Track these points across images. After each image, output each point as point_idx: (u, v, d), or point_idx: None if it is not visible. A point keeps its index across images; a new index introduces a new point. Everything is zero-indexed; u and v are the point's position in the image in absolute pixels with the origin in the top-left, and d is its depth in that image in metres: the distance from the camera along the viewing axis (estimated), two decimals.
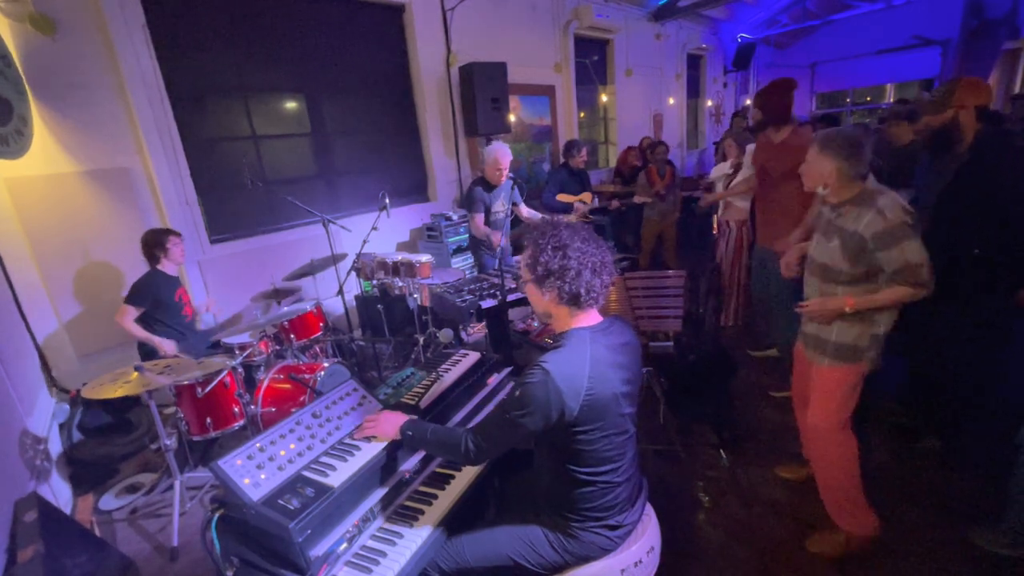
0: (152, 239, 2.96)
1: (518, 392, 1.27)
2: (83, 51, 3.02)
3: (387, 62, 4.74)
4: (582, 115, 7.08)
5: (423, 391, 1.81)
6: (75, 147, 3.05)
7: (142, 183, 3.34)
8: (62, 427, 2.86)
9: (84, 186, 3.09)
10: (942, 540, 2.02)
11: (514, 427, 1.28)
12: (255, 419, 2.67)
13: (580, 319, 1.37)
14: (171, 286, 3.02)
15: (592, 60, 7.03)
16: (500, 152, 3.49)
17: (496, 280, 2.99)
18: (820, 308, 1.86)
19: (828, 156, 1.78)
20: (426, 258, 3.23)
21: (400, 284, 3.25)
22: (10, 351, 2.46)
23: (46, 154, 2.94)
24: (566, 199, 4.57)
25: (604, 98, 7.40)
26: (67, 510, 2.52)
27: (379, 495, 1.47)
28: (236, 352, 2.92)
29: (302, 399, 2.68)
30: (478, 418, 1.91)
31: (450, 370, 1.97)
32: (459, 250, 4.62)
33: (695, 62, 9.24)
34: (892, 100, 9.45)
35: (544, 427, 1.27)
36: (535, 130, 6.28)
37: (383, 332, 3.74)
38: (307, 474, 1.38)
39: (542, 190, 5.19)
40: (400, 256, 3.28)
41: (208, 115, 3.72)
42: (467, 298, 2.84)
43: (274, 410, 2.68)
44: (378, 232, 3.48)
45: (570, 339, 1.33)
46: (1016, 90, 7.95)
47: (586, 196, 4.69)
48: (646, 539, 1.44)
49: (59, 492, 2.50)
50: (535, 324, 2.90)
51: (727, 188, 4.01)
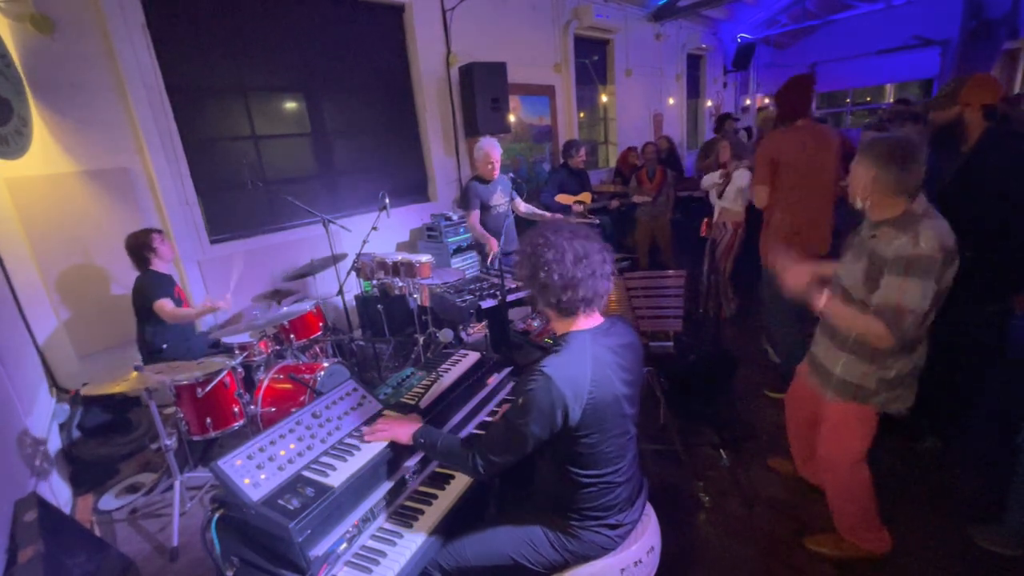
0: (137, 242, 2.88)
1: (520, 400, 1.26)
2: (83, 51, 3.02)
3: (387, 62, 4.74)
4: (582, 115, 7.08)
5: (423, 391, 1.81)
6: (75, 147, 3.05)
7: (142, 183, 3.34)
8: (62, 427, 2.85)
9: (84, 186, 3.08)
10: (942, 540, 2.02)
11: (520, 436, 1.26)
12: (255, 419, 2.67)
13: (579, 321, 1.36)
14: (170, 283, 3.01)
15: (592, 60, 7.03)
16: (489, 147, 3.50)
17: (496, 280, 2.99)
18: (798, 273, 1.68)
19: (866, 162, 1.56)
20: (426, 258, 3.23)
21: (400, 284, 3.25)
22: (10, 351, 2.46)
23: (46, 154, 2.94)
24: (565, 199, 4.57)
25: (604, 98, 7.39)
26: (67, 510, 2.52)
27: (379, 495, 1.47)
28: (236, 352, 2.92)
29: (302, 399, 2.68)
30: (478, 418, 1.91)
31: (450, 370, 1.97)
32: (459, 250, 4.62)
33: (695, 62, 9.24)
34: (892, 100, 9.44)
35: (550, 432, 1.26)
36: (535, 130, 6.28)
37: (383, 332, 3.74)
38: (307, 474, 1.38)
39: (542, 190, 5.19)
40: (400, 256, 3.28)
41: (208, 115, 3.72)
42: (467, 298, 2.84)
43: (274, 410, 2.68)
44: (378, 232, 3.48)
45: (570, 342, 1.32)
46: (1016, 90, 7.94)
47: (585, 196, 4.69)
48: (646, 539, 1.44)
49: (59, 492, 2.50)
50: (535, 324, 2.90)
51: (720, 196, 4.01)
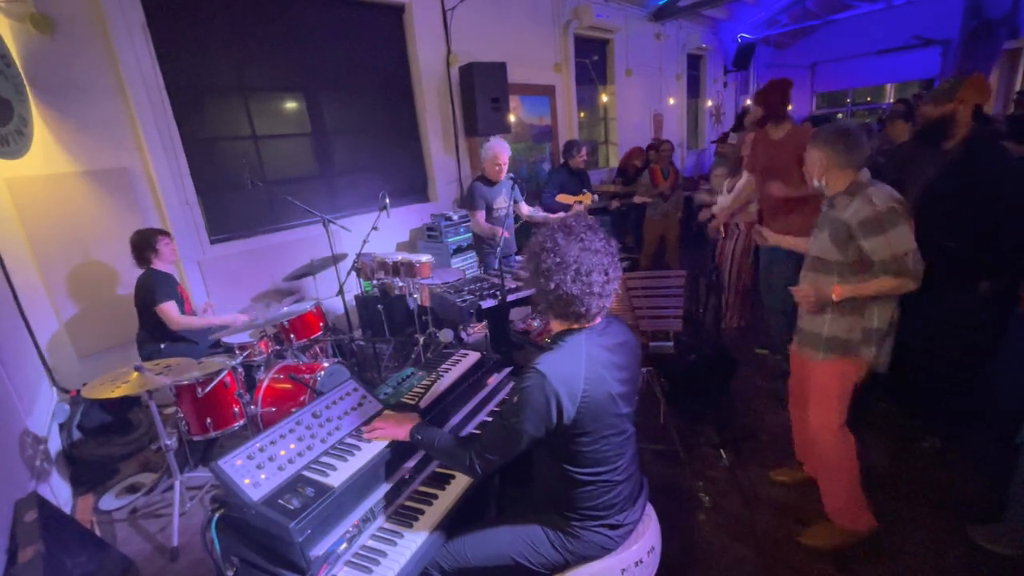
0: (141, 240, 2.90)
1: (515, 397, 1.27)
2: (83, 51, 3.02)
3: (387, 62, 4.74)
4: (582, 115, 7.08)
5: (423, 391, 1.81)
6: (75, 147, 3.05)
7: (142, 183, 3.34)
8: (62, 427, 2.85)
9: (84, 186, 3.08)
10: (942, 540, 2.02)
11: (514, 433, 1.28)
12: (255, 419, 2.67)
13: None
14: (172, 284, 3.01)
15: (592, 60, 7.03)
16: (498, 148, 3.50)
17: (496, 280, 2.99)
18: (811, 293, 1.90)
19: (817, 146, 1.85)
20: (426, 258, 3.23)
21: (400, 284, 3.25)
22: (10, 351, 2.46)
23: (46, 154, 2.94)
24: (565, 199, 4.56)
25: (604, 98, 7.39)
26: (67, 510, 2.52)
27: (379, 495, 1.47)
28: (236, 352, 2.92)
29: (302, 399, 2.68)
30: (478, 418, 1.91)
31: (450, 370, 1.97)
32: (459, 250, 4.62)
33: (695, 62, 9.24)
34: (892, 100, 9.45)
35: (545, 430, 1.27)
36: (535, 130, 6.28)
37: (383, 332, 3.74)
38: (307, 474, 1.38)
39: (542, 190, 5.19)
40: (400, 256, 3.28)
41: (208, 115, 3.72)
42: (467, 298, 2.84)
43: (274, 410, 2.68)
44: (378, 232, 3.48)
45: (566, 341, 1.33)
46: (1016, 89, 7.94)
47: (585, 196, 4.69)
48: (647, 539, 1.44)
49: (59, 492, 2.50)
50: (535, 324, 2.90)
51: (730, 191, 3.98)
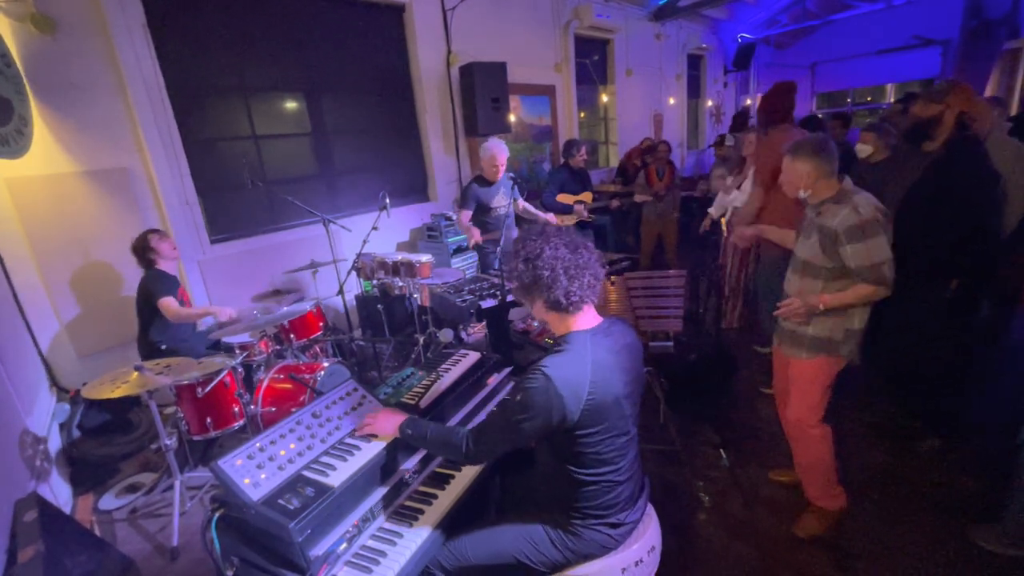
0: (139, 244, 2.93)
1: (519, 396, 1.27)
2: (83, 51, 3.02)
3: (387, 62, 4.74)
4: (582, 115, 7.08)
5: (423, 391, 1.81)
6: (75, 147, 3.05)
7: (142, 183, 3.34)
8: (62, 427, 2.86)
9: (84, 186, 3.08)
10: (942, 540, 2.02)
11: (514, 430, 1.29)
12: (255, 419, 2.67)
13: (578, 321, 1.37)
14: (174, 284, 3.02)
15: (592, 60, 7.03)
16: (496, 149, 3.51)
17: (496, 280, 2.99)
18: (797, 308, 1.94)
19: (802, 159, 1.89)
20: (426, 258, 3.23)
21: (400, 284, 3.25)
22: (10, 351, 2.46)
23: (46, 154, 2.93)
24: (566, 199, 4.57)
25: (604, 98, 7.40)
26: (67, 510, 2.52)
27: (379, 495, 1.47)
28: (236, 352, 2.92)
29: (302, 399, 2.68)
30: (478, 418, 1.91)
31: (450, 370, 1.97)
32: (459, 250, 4.62)
33: (695, 62, 9.24)
34: (892, 100, 9.44)
35: (544, 431, 1.27)
36: (535, 130, 6.28)
37: (383, 332, 3.74)
38: (307, 474, 1.38)
39: (543, 190, 5.20)
40: (400, 256, 3.28)
41: (208, 115, 3.72)
42: (467, 298, 2.84)
43: (274, 410, 2.68)
44: (378, 232, 3.48)
45: (571, 343, 1.32)
46: (1017, 89, 7.93)
47: (586, 196, 4.69)
48: (647, 538, 1.45)
49: (59, 492, 2.50)
50: (535, 324, 2.90)
51: (738, 188, 3.96)
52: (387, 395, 1.83)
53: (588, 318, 1.38)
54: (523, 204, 3.80)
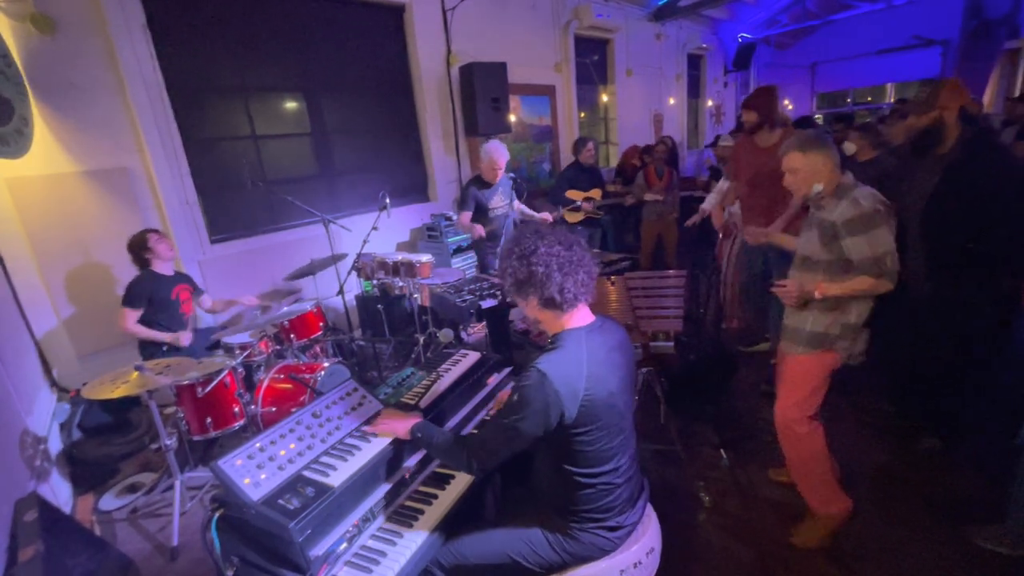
0: (135, 243, 2.94)
1: (515, 396, 1.27)
2: (84, 51, 3.02)
3: (387, 62, 4.74)
4: (582, 115, 7.07)
5: (423, 391, 1.81)
6: (75, 147, 3.05)
7: (142, 183, 3.34)
8: (62, 427, 2.86)
9: (84, 186, 3.08)
10: (942, 540, 2.02)
11: (513, 433, 1.28)
12: (255, 419, 2.67)
13: (571, 319, 1.37)
14: (166, 284, 3.01)
15: (592, 60, 7.03)
16: (495, 152, 3.52)
17: (496, 280, 2.99)
18: (793, 289, 1.94)
19: (814, 152, 1.88)
20: (426, 258, 3.24)
21: (400, 284, 3.25)
22: (10, 351, 2.46)
23: (46, 154, 2.93)
24: (575, 196, 4.58)
25: (604, 98, 7.39)
26: (67, 510, 2.51)
27: (379, 495, 1.47)
28: (236, 352, 2.92)
29: (302, 399, 2.68)
30: (478, 418, 1.91)
31: (450, 370, 1.97)
32: (459, 250, 4.62)
33: (695, 62, 9.23)
34: (892, 100, 9.44)
35: (544, 430, 1.27)
36: (535, 130, 6.27)
37: (383, 332, 3.74)
38: (307, 474, 1.38)
39: (548, 189, 5.20)
40: (400, 256, 3.28)
41: (208, 115, 3.72)
42: (467, 298, 2.84)
43: (274, 410, 2.68)
44: (378, 232, 3.48)
45: (565, 340, 1.33)
46: (1017, 89, 7.94)
47: (595, 192, 4.69)
48: (646, 540, 1.44)
49: (59, 492, 2.50)
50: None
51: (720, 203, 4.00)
52: (387, 395, 1.83)
53: (581, 316, 1.38)
54: (518, 205, 3.81)
